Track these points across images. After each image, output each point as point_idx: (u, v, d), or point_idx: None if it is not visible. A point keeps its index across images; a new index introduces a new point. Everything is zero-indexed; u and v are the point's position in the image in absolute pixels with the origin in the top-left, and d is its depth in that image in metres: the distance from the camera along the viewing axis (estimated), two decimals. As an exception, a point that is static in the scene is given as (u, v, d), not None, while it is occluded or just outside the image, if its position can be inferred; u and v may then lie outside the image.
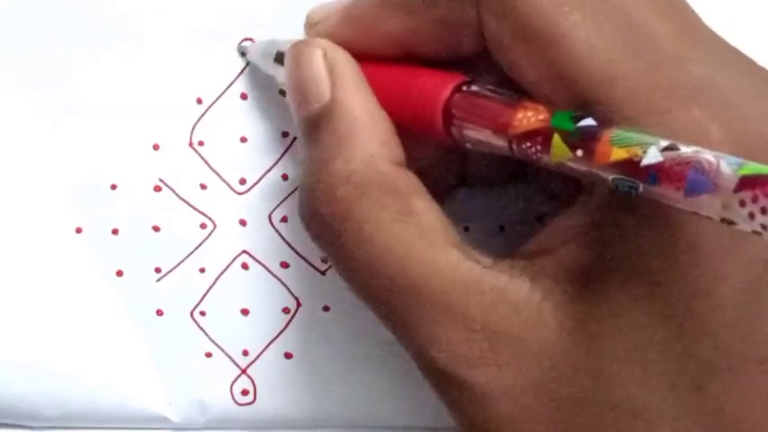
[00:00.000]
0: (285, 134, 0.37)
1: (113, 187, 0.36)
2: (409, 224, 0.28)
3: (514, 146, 0.26)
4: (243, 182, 0.37)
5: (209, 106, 0.37)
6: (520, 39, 0.27)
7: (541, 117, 0.26)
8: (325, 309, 0.36)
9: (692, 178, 0.22)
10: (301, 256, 0.36)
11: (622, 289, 0.26)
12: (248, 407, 0.36)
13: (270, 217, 0.36)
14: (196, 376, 0.36)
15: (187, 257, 0.36)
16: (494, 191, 0.35)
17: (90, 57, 0.36)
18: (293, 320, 0.36)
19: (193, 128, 0.37)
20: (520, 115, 0.26)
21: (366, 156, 0.29)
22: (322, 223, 0.29)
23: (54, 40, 0.36)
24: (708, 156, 0.22)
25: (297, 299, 0.36)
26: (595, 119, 0.25)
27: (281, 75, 0.33)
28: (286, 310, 0.36)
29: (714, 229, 0.25)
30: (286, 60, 0.32)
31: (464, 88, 0.28)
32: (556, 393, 0.27)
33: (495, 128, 0.27)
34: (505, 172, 0.34)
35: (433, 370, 0.28)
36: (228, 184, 0.37)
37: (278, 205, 0.37)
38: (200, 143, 0.37)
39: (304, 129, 0.31)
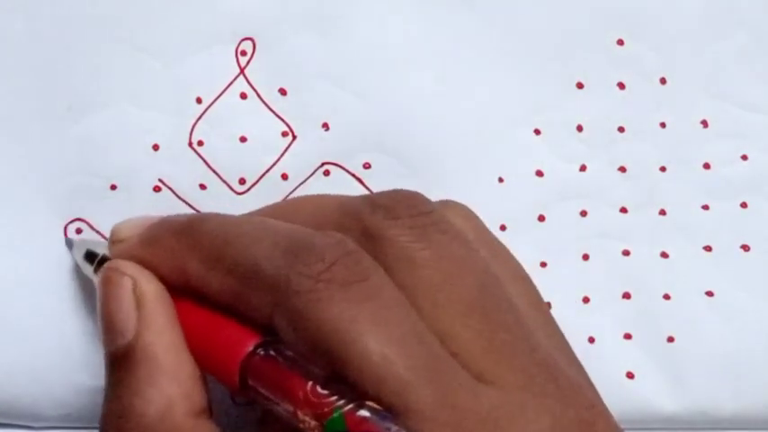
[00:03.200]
0: (285, 134, 0.37)
1: (113, 187, 0.36)
2: None
3: (299, 425, 0.26)
4: (243, 182, 0.37)
5: (209, 106, 0.37)
6: (312, 352, 0.26)
7: (315, 427, 0.25)
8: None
9: None
10: (301, 256, 0.36)
11: None
12: (248, 406, 0.36)
13: (270, 217, 0.36)
14: (196, 377, 0.36)
15: (187, 257, 0.36)
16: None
17: (90, 56, 0.36)
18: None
19: (193, 128, 0.37)
20: (301, 415, 0.26)
21: (163, 406, 0.28)
22: None
23: (54, 40, 0.36)
24: None
25: (297, 299, 0.36)
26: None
27: (95, 279, 0.32)
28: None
29: None
30: (97, 284, 0.31)
31: (261, 352, 0.27)
32: None
33: (283, 399, 0.26)
34: None
35: None
36: (228, 184, 0.37)
37: (278, 205, 0.36)
38: (200, 143, 0.37)
39: (107, 363, 0.30)
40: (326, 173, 0.37)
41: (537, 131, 0.38)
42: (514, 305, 0.28)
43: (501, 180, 0.37)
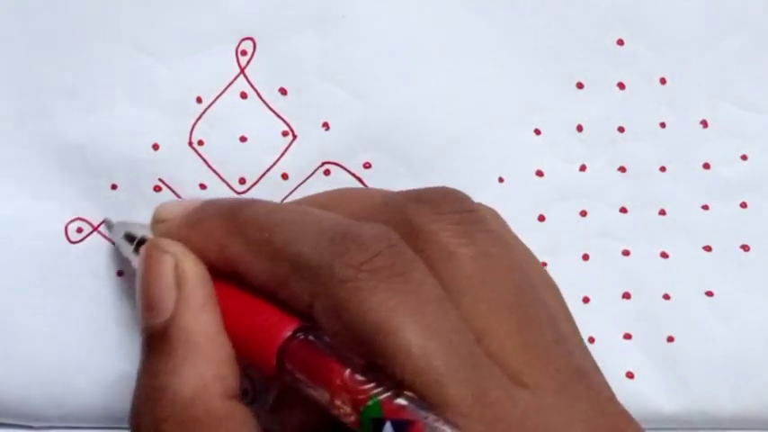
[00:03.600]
0: (285, 134, 0.37)
1: (114, 187, 0.36)
2: None
3: (334, 411, 0.26)
4: (243, 181, 0.37)
5: (209, 105, 0.37)
6: (351, 341, 0.26)
7: (351, 413, 0.26)
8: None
9: None
10: (301, 256, 0.36)
11: None
12: (248, 406, 0.36)
13: (270, 217, 0.36)
14: (196, 376, 0.36)
15: (187, 257, 0.36)
16: None
17: (90, 56, 0.36)
18: (294, 320, 0.36)
19: (193, 127, 0.37)
20: (338, 402, 0.26)
21: (197, 387, 0.28)
22: None
23: (54, 40, 0.36)
24: None
25: (297, 299, 0.36)
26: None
27: (134, 260, 0.33)
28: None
29: None
30: (138, 259, 0.31)
31: (300, 336, 0.27)
32: None
33: (320, 385, 0.27)
34: None
35: None
36: (228, 184, 0.37)
37: (278, 205, 0.36)
38: (200, 143, 0.37)
39: (144, 340, 0.30)
40: (327, 172, 0.37)
41: (537, 131, 0.38)
42: (550, 309, 0.28)
43: (501, 180, 0.37)
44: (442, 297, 0.27)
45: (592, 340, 0.36)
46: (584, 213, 0.37)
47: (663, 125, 0.38)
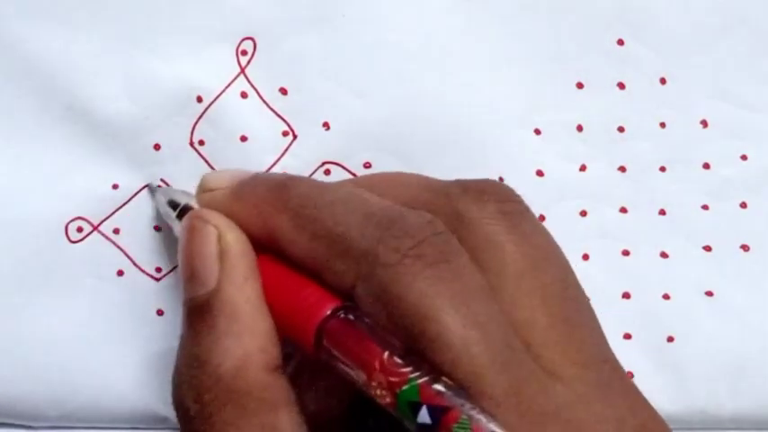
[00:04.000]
0: (285, 133, 0.37)
1: (114, 187, 0.36)
2: None
3: (370, 391, 0.26)
4: (243, 181, 0.37)
5: (210, 105, 0.37)
6: (392, 325, 0.27)
7: (387, 395, 0.26)
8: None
9: None
10: (302, 256, 0.36)
11: None
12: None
13: (270, 217, 0.36)
14: (196, 376, 0.36)
15: (187, 257, 0.36)
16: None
17: (90, 56, 0.36)
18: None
19: (194, 127, 0.37)
20: (374, 383, 0.26)
21: (240, 359, 0.28)
22: (187, 417, 0.29)
23: (54, 40, 0.36)
24: None
25: (297, 298, 0.36)
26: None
27: (177, 227, 0.33)
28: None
29: None
30: (180, 229, 0.31)
31: (341, 315, 0.28)
32: None
33: (357, 365, 0.27)
34: None
35: None
36: (228, 184, 0.37)
37: (278, 205, 0.36)
38: (201, 142, 0.37)
39: (186, 311, 0.30)
40: (327, 172, 0.37)
41: (537, 131, 0.38)
42: (589, 303, 0.29)
43: (501, 180, 0.37)
44: (484, 286, 0.27)
45: (592, 340, 0.36)
46: (584, 213, 0.37)
47: (663, 125, 0.38)
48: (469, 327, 0.26)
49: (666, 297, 0.37)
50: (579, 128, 0.38)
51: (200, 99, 0.37)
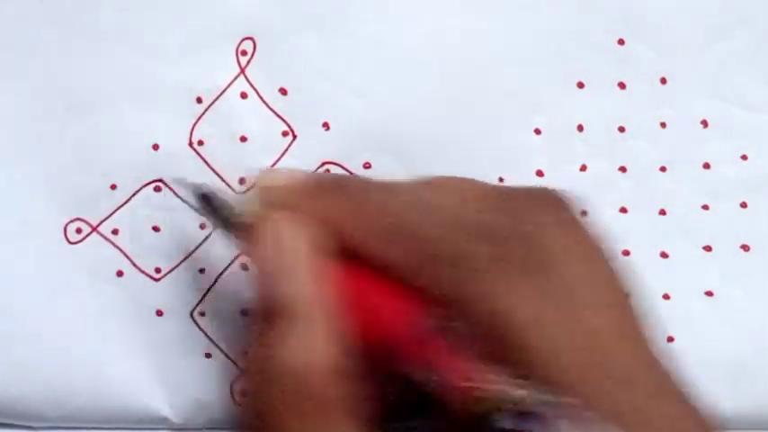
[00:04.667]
0: (285, 134, 0.37)
1: (113, 187, 0.36)
2: None
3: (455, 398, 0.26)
4: (243, 181, 0.37)
5: (209, 105, 0.37)
6: (484, 334, 0.27)
7: (472, 402, 0.26)
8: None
9: None
10: (301, 256, 0.36)
11: None
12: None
13: (270, 217, 0.36)
14: (196, 376, 0.36)
15: (187, 257, 0.36)
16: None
17: (90, 56, 0.36)
18: (293, 321, 0.36)
19: (193, 127, 0.37)
20: (459, 391, 0.26)
21: (311, 361, 0.28)
22: (251, 412, 0.29)
23: (54, 40, 0.36)
24: None
25: (297, 299, 0.36)
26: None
27: (211, 218, 0.32)
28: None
29: None
30: (260, 231, 0.30)
31: (422, 323, 0.27)
32: None
33: (441, 373, 0.27)
34: None
35: None
36: (228, 184, 0.37)
37: (278, 205, 0.36)
38: (200, 143, 0.37)
39: (261, 308, 0.29)
40: (327, 172, 0.37)
41: (537, 131, 0.38)
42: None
43: (501, 180, 0.37)
44: (574, 288, 0.27)
45: (592, 340, 0.36)
46: (584, 213, 0.37)
47: (663, 125, 0.38)
48: (568, 335, 0.26)
49: (666, 297, 0.37)
50: (580, 128, 0.38)
51: (199, 99, 0.37)
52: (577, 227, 0.29)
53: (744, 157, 0.38)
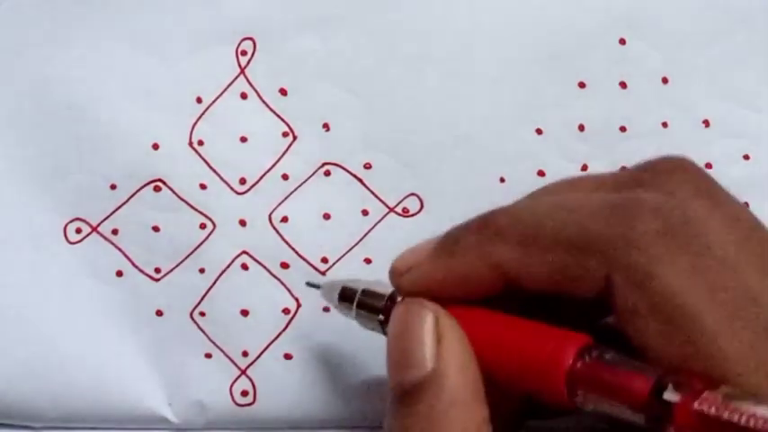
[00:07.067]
0: (285, 134, 0.37)
1: (113, 187, 0.36)
2: None
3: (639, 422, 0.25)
4: (243, 181, 0.37)
5: (209, 106, 0.37)
6: (656, 314, 0.26)
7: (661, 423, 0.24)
8: (326, 309, 0.36)
9: None
10: (301, 257, 0.36)
11: None
12: (248, 408, 0.36)
13: (270, 217, 0.36)
14: (196, 377, 0.36)
15: (187, 257, 0.36)
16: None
17: (90, 56, 0.37)
18: (293, 321, 0.36)
19: (193, 127, 0.37)
20: (643, 413, 0.25)
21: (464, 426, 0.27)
22: None
23: (54, 40, 0.36)
24: None
25: (297, 299, 0.36)
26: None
27: (348, 313, 0.32)
28: (286, 311, 0.36)
29: None
30: (392, 316, 0.30)
31: (586, 357, 0.26)
32: None
33: (630, 403, 0.25)
34: None
35: None
36: (228, 184, 0.37)
37: (278, 205, 0.37)
38: (200, 143, 0.37)
39: (397, 393, 0.29)
40: (327, 173, 0.37)
41: (539, 131, 0.38)
42: None
43: (502, 180, 0.37)
44: (733, 258, 0.26)
45: (592, 341, 0.36)
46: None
47: (665, 125, 0.38)
48: (735, 319, 0.25)
49: (668, 297, 0.37)
50: (581, 127, 0.38)
51: (199, 100, 0.37)
52: (707, 195, 0.28)
53: (746, 157, 0.38)
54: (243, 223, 0.36)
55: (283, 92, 0.37)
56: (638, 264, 0.26)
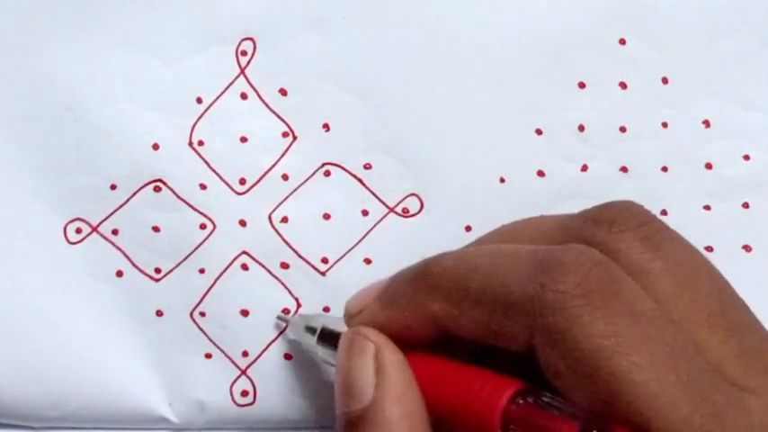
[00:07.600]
0: (285, 134, 0.37)
1: (113, 187, 0.36)
2: None
3: None
4: (243, 182, 0.37)
5: (209, 106, 0.37)
6: (574, 374, 0.26)
7: None
8: (325, 309, 0.36)
9: None
10: (301, 257, 0.36)
11: None
12: (248, 408, 0.36)
13: (270, 217, 0.36)
14: (196, 377, 0.36)
15: (187, 258, 0.36)
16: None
17: (90, 56, 0.37)
18: (293, 321, 0.36)
19: (193, 127, 0.37)
20: None
21: None
22: None
23: (54, 40, 0.36)
24: None
25: (297, 299, 0.36)
26: None
27: (319, 351, 0.33)
28: (286, 311, 0.36)
29: None
30: (339, 346, 0.31)
31: (520, 400, 0.27)
32: None
33: None
34: None
35: None
36: (228, 184, 0.37)
37: (278, 205, 0.37)
38: (200, 143, 0.37)
39: (342, 421, 0.30)
40: (327, 173, 0.37)
41: (538, 131, 0.38)
42: (747, 305, 0.28)
43: (502, 180, 0.37)
44: (658, 313, 0.26)
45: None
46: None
47: (665, 125, 0.38)
48: (658, 362, 0.25)
49: (668, 297, 0.37)
50: (581, 128, 0.38)
51: (199, 100, 0.37)
52: (649, 242, 0.28)
53: (746, 157, 0.38)
54: (243, 223, 0.36)
55: (283, 92, 0.37)
56: (556, 325, 0.26)
